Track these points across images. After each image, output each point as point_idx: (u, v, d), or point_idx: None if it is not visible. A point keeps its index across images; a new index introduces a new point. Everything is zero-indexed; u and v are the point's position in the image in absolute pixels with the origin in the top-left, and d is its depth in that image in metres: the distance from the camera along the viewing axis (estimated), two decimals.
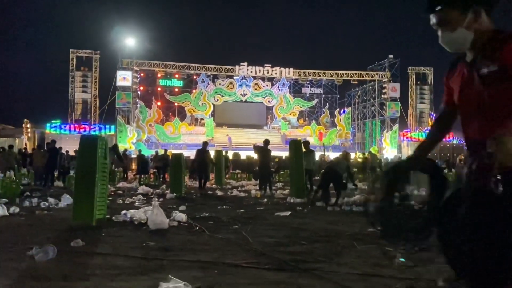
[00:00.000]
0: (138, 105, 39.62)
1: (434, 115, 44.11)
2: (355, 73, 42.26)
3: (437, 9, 1.91)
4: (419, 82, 42.98)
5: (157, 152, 21.89)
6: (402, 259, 3.07)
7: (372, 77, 42.17)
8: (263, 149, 12.97)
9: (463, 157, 33.34)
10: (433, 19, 1.97)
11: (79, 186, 6.65)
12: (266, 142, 13.06)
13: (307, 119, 46.71)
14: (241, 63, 41.64)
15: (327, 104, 45.50)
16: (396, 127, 40.21)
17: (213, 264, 4.05)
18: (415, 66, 43.39)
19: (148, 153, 29.33)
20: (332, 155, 27.29)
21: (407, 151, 37.33)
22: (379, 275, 3.76)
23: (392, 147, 39.10)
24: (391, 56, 41.64)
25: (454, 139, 43.53)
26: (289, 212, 7.95)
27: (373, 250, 4.78)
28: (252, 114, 44.44)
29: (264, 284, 3.43)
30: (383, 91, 41.34)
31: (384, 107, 41.52)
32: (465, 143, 2.01)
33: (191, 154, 31.87)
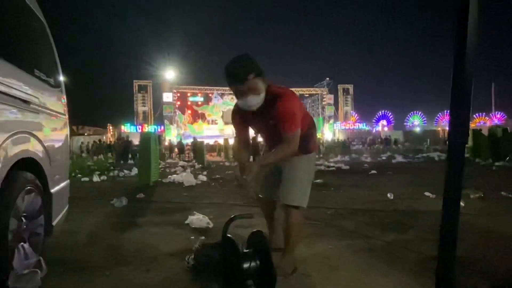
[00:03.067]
0: (177, 113, 39.14)
1: (356, 113, 44.62)
2: (307, 89, 42.18)
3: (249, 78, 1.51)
4: (344, 94, 43.17)
5: (194, 138, 21.20)
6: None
7: (317, 91, 42.15)
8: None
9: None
10: (242, 87, 1.53)
11: (141, 161, 6.58)
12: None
13: None
14: None
15: None
16: (331, 121, 40.67)
17: (221, 204, 4.05)
18: (342, 83, 43.39)
19: (185, 142, 28.80)
20: None
21: (339, 135, 37.60)
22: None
23: (329, 132, 39.94)
24: (328, 78, 42.11)
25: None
26: None
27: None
28: None
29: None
30: (324, 99, 41.52)
31: (324, 109, 41.73)
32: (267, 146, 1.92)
33: (210, 141, 31.87)
